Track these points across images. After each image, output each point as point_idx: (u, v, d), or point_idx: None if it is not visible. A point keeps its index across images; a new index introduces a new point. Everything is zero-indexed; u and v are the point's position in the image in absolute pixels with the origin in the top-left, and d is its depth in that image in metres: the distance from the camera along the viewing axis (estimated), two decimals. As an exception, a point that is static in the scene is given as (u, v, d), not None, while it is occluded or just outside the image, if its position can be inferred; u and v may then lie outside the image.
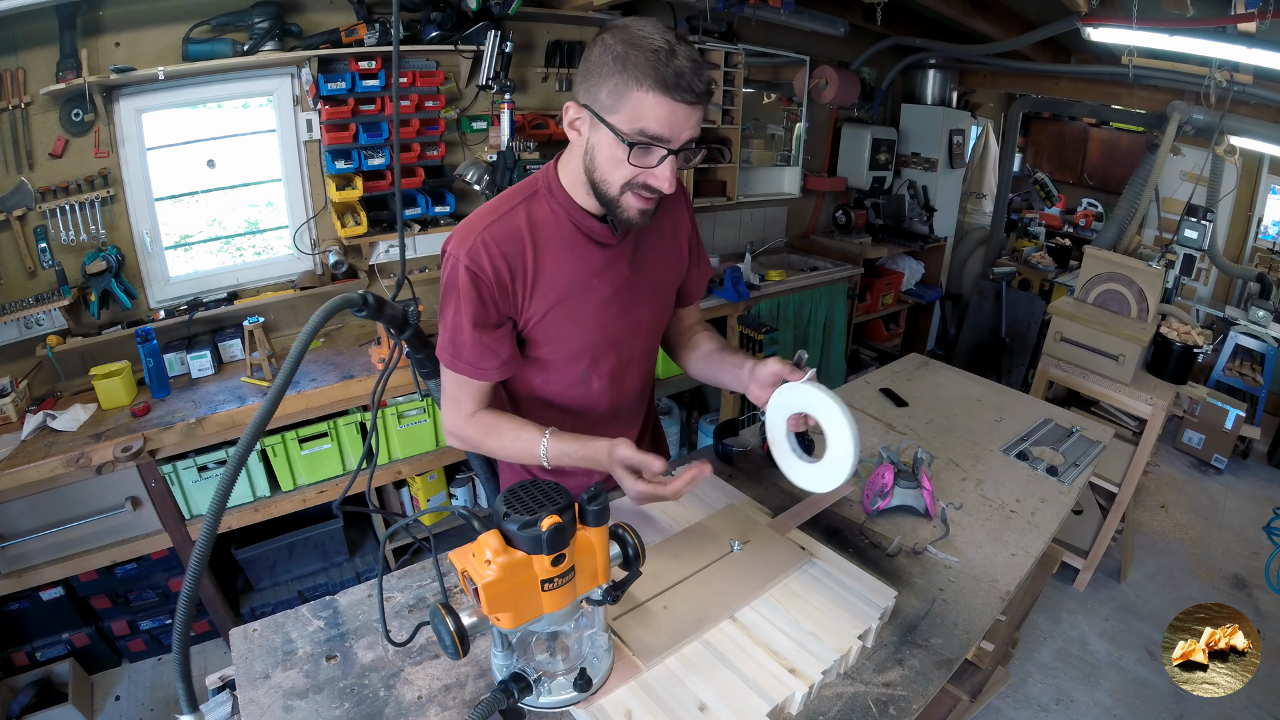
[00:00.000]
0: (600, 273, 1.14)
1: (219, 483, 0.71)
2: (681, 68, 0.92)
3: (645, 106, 0.94)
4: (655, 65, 0.91)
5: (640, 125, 0.95)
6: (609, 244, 1.14)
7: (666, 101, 0.93)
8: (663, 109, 0.94)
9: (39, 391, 2.14)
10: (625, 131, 0.96)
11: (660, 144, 0.97)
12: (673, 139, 0.97)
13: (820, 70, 3.70)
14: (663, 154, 0.98)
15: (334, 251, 2.58)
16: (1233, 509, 3.43)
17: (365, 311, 0.98)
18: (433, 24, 2.43)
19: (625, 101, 0.94)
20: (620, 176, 1.01)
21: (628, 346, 1.24)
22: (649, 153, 0.98)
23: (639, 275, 1.19)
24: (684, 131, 0.97)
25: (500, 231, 1.07)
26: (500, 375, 1.14)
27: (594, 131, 1.00)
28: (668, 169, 0.99)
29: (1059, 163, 6.13)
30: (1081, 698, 2.30)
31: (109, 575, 2.19)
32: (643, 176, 1.00)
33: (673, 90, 0.92)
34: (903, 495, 1.31)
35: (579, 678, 0.86)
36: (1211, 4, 2.45)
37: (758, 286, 3.26)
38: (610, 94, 0.95)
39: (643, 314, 1.23)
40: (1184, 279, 3.16)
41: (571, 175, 1.09)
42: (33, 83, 1.97)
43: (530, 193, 1.12)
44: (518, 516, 0.76)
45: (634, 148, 0.97)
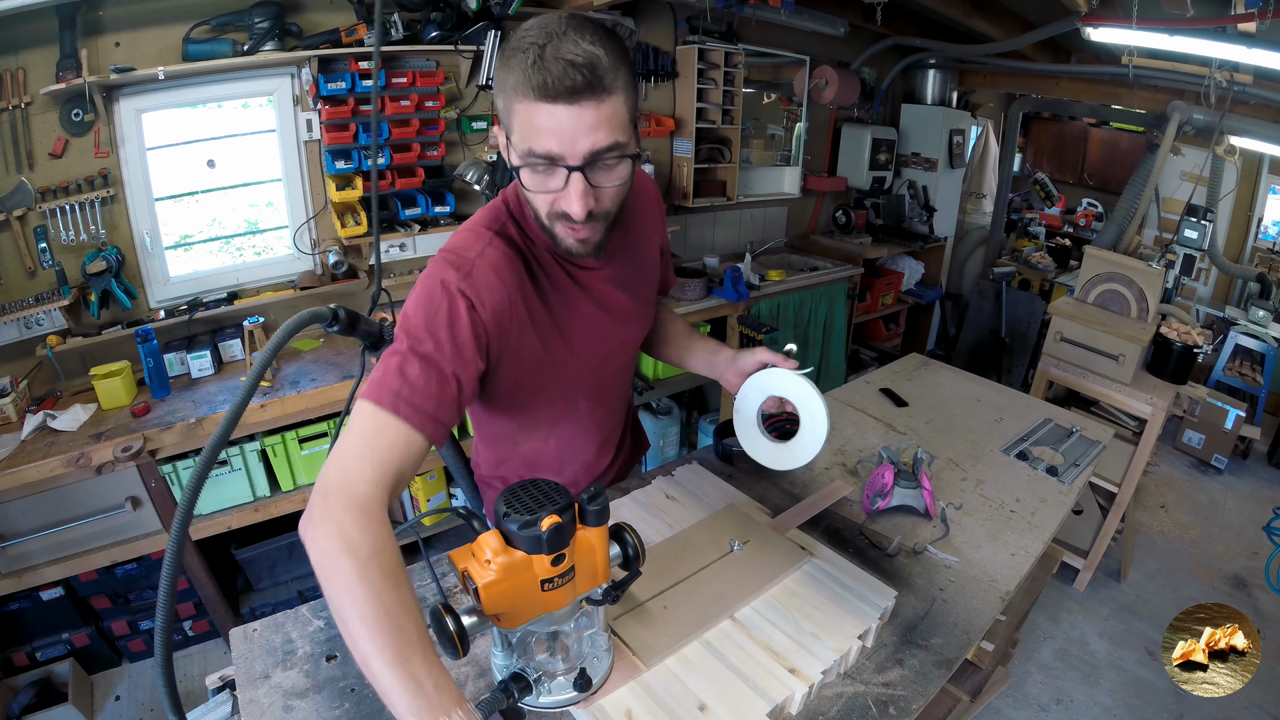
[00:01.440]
0: (586, 298, 1.06)
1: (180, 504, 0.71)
2: (550, 64, 0.76)
3: (524, 119, 0.80)
4: (525, 69, 0.78)
5: (529, 144, 0.81)
6: (593, 268, 1.04)
7: (542, 107, 0.78)
8: (542, 118, 0.79)
9: (39, 391, 2.14)
10: (518, 153, 0.83)
11: (555, 162, 0.82)
12: (565, 153, 0.81)
13: (820, 70, 3.70)
14: (558, 175, 0.83)
15: (334, 251, 2.58)
16: (1233, 509, 3.43)
17: (336, 327, 0.93)
18: (433, 24, 2.44)
19: (512, 117, 0.82)
20: (541, 205, 0.88)
21: (614, 362, 1.19)
22: (551, 174, 0.83)
23: (624, 294, 1.11)
24: (579, 139, 0.80)
25: (495, 259, 0.94)
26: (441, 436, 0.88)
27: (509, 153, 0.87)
28: (574, 189, 0.83)
29: (1059, 163, 6.13)
30: (1081, 698, 2.30)
31: (109, 575, 2.19)
32: (556, 203, 0.86)
33: (543, 91, 0.77)
34: (903, 495, 1.31)
35: (579, 678, 0.86)
36: (1211, 4, 2.45)
37: (758, 286, 3.26)
38: (503, 111, 0.84)
39: (630, 331, 1.17)
40: (1184, 279, 3.16)
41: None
42: (33, 83, 1.97)
43: (500, 223, 0.99)
44: (518, 516, 0.76)
45: (521, 170, 0.84)
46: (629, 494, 1.31)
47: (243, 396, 0.79)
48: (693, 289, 3.07)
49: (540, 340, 1.01)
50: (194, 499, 0.75)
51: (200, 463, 0.76)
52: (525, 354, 1.00)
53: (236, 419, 0.79)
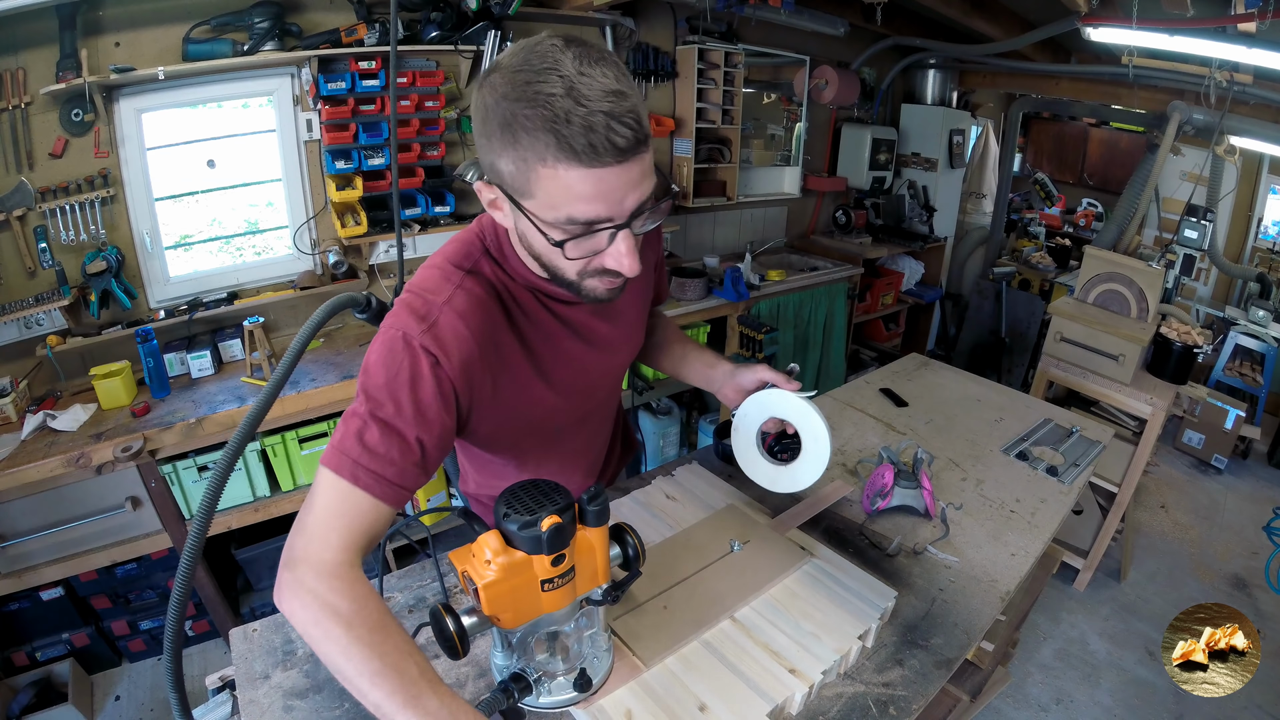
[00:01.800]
0: (568, 334, 0.98)
1: (210, 480, 0.71)
2: (592, 119, 0.66)
3: (559, 187, 0.69)
4: (553, 126, 0.66)
5: (565, 212, 0.72)
6: (572, 302, 0.94)
7: (586, 173, 0.68)
8: (585, 184, 0.69)
9: (39, 391, 2.14)
10: (548, 222, 0.73)
11: (600, 226, 0.74)
12: (614, 214, 0.73)
13: (820, 70, 3.70)
14: (609, 234, 0.75)
15: (334, 251, 2.58)
16: (1233, 509, 3.43)
17: (366, 314, 0.96)
18: (433, 24, 2.44)
19: (534, 183, 0.71)
20: (571, 267, 0.80)
21: (601, 391, 1.13)
22: (594, 236, 0.75)
23: (608, 324, 1.02)
24: (627, 196, 0.72)
25: (463, 305, 0.84)
26: (404, 501, 0.82)
27: (518, 218, 0.77)
28: (623, 246, 0.76)
29: (1059, 163, 6.13)
30: (1081, 698, 2.30)
31: (109, 575, 2.19)
32: (598, 261, 0.79)
33: (588, 155, 0.67)
34: (903, 495, 1.31)
35: (579, 678, 0.86)
36: (1211, 4, 2.45)
37: (758, 286, 3.26)
38: (514, 175, 0.72)
39: (618, 359, 1.11)
40: (1184, 279, 3.16)
41: (525, 253, 0.86)
42: (33, 83, 1.97)
43: (472, 264, 0.89)
44: (518, 516, 0.76)
45: (566, 243, 0.74)
46: (629, 494, 1.31)
47: (281, 372, 0.78)
48: (693, 289, 3.07)
49: (518, 385, 0.94)
50: (222, 483, 0.75)
51: (233, 441, 0.76)
52: (502, 401, 0.93)
53: (273, 398, 0.79)
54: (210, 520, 0.74)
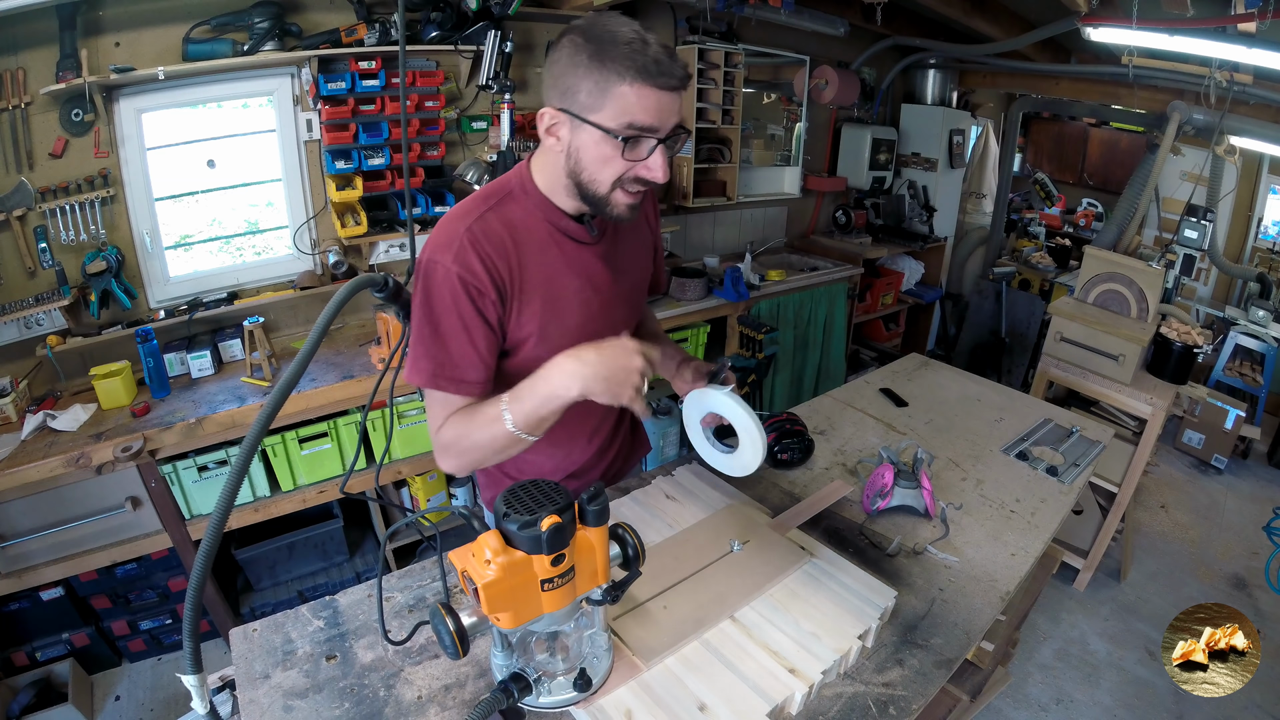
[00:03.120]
0: (580, 272, 1.13)
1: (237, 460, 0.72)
2: (659, 55, 0.92)
3: (630, 99, 0.93)
4: (633, 57, 0.91)
5: (628, 119, 0.94)
6: (586, 243, 1.13)
7: (651, 91, 0.93)
8: (649, 99, 0.94)
9: (39, 391, 2.14)
10: (613, 127, 0.95)
11: (650, 134, 0.96)
12: (660, 127, 0.97)
13: (820, 70, 3.70)
14: (652, 144, 0.97)
15: (334, 251, 2.58)
16: (1233, 509, 3.43)
17: (385, 293, 0.99)
18: (433, 24, 2.44)
19: (608, 98, 0.94)
20: (610, 174, 0.99)
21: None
22: (639, 145, 0.97)
23: (616, 276, 1.18)
24: (670, 119, 0.97)
25: (481, 232, 1.02)
26: (481, 390, 1.06)
27: (576, 133, 0.98)
28: (659, 158, 0.99)
29: (1059, 163, 6.13)
30: (1081, 698, 2.30)
31: (109, 575, 2.19)
32: (634, 170, 0.99)
33: (655, 78, 0.92)
34: (903, 495, 1.31)
35: (579, 678, 0.86)
36: (1211, 4, 2.45)
37: (758, 286, 3.26)
38: (590, 93, 0.94)
39: (619, 314, 1.22)
40: (1184, 279, 3.16)
41: (549, 178, 1.07)
42: (33, 83, 1.97)
43: (503, 194, 1.08)
44: (518, 516, 0.76)
45: (627, 142, 0.96)
46: (629, 494, 1.31)
47: (302, 357, 0.80)
48: (693, 289, 3.07)
49: (532, 309, 1.08)
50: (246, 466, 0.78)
51: (255, 427, 0.78)
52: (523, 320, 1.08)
53: (294, 383, 0.80)
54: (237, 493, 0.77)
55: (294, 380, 0.79)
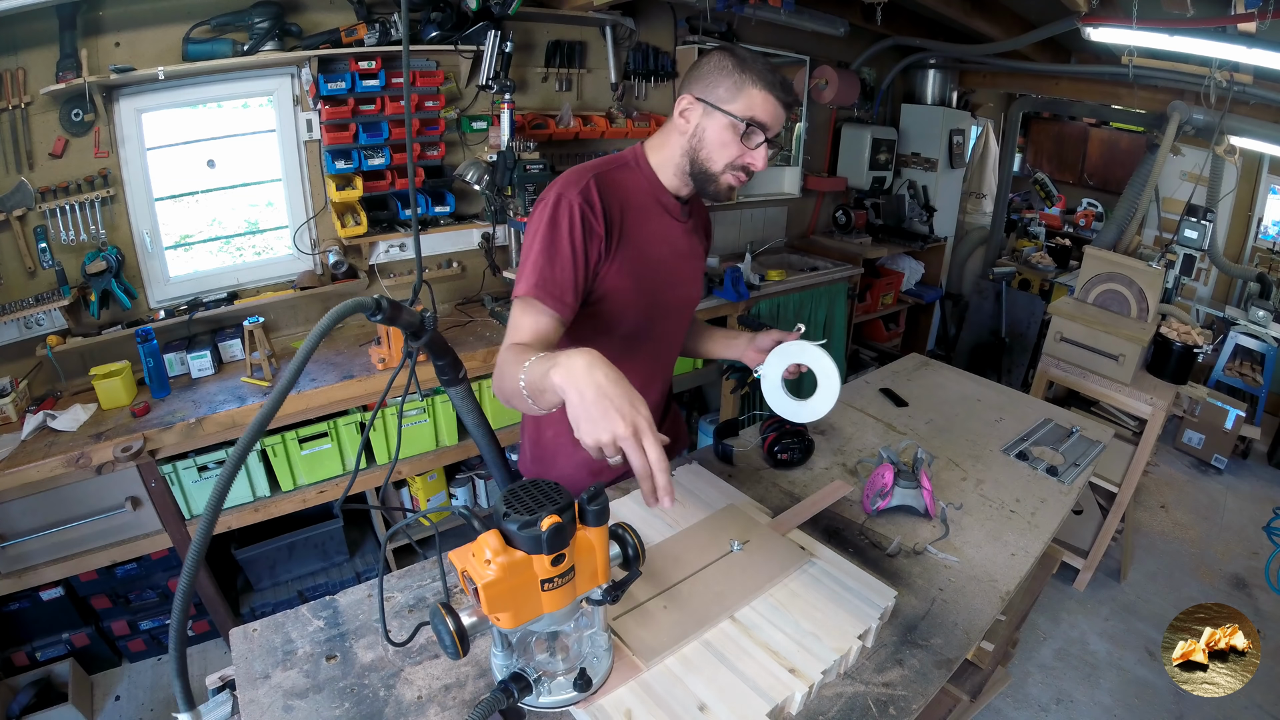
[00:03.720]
0: (667, 241, 1.32)
1: (217, 481, 0.71)
2: (784, 80, 1.20)
3: (758, 101, 1.18)
4: (767, 74, 1.19)
5: (752, 114, 1.18)
6: (677, 220, 1.33)
7: (774, 100, 1.19)
8: (770, 105, 1.19)
9: (39, 391, 2.14)
10: (740, 116, 1.19)
11: (763, 130, 1.20)
12: (771, 128, 1.21)
13: (820, 70, 3.70)
14: (761, 139, 1.21)
15: (334, 251, 2.58)
16: (1233, 509, 3.43)
17: (379, 316, 0.95)
18: (433, 24, 2.44)
19: (742, 96, 1.18)
20: (725, 156, 1.22)
21: (671, 319, 1.40)
22: (752, 136, 1.20)
23: (691, 256, 1.39)
24: (778, 125, 1.22)
25: (605, 182, 1.22)
26: (570, 313, 1.18)
27: (706, 119, 1.21)
28: (764, 151, 1.22)
29: (1059, 163, 6.13)
30: (1081, 698, 2.30)
31: (109, 575, 2.19)
32: (743, 158, 1.22)
33: (779, 91, 1.19)
34: (903, 495, 1.31)
35: (579, 678, 0.86)
36: (1211, 4, 2.45)
37: (758, 286, 3.26)
38: (729, 90, 1.19)
39: (687, 290, 1.41)
40: (1184, 279, 3.16)
41: (663, 157, 1.28)
42: (33, 83, 1.97)
43: (621, 163, 1.29)
44: (518, 516, 0.76)
45: (748, 129, 1.19)
46: (629, 494, 1.31)
47: (288, 380, 0.79)
48: (693, 289, 3.07)
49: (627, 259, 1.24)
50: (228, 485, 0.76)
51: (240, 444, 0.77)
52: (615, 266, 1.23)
53: (279, 404, 0.80)
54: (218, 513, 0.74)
55: (276, 405, 0.78)
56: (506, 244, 2.85)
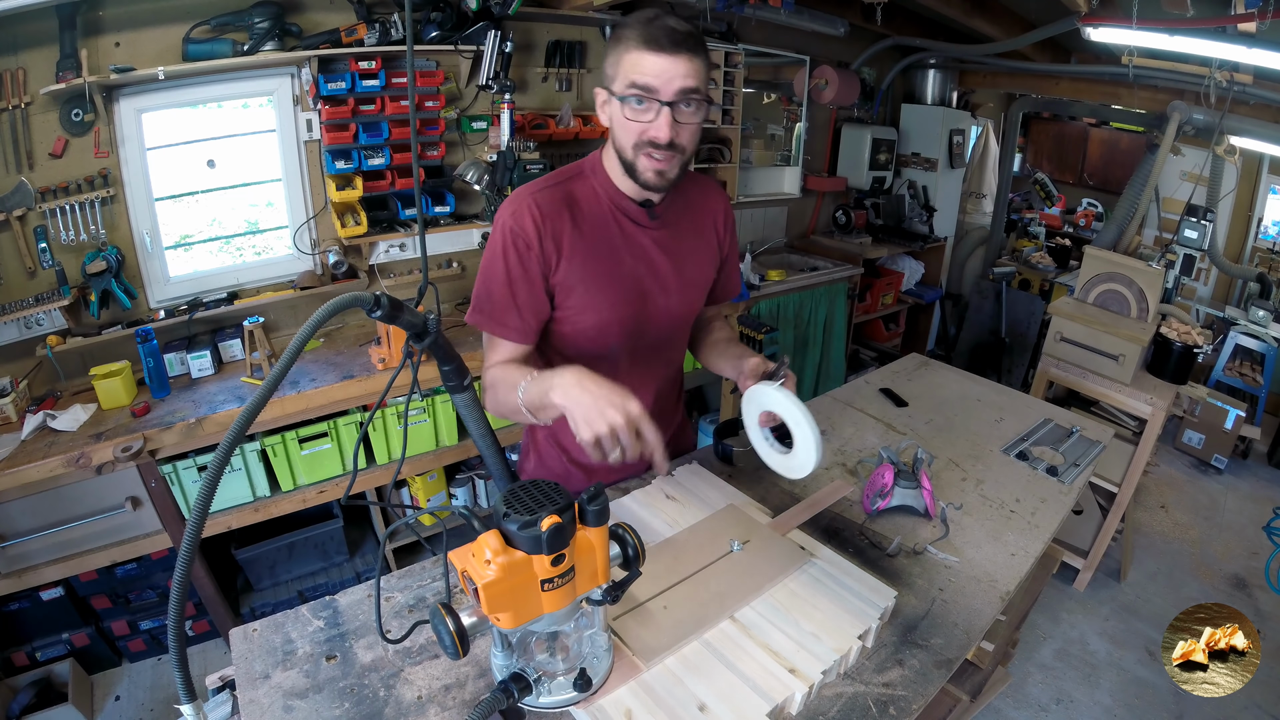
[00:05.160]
0: (633, 253, 1.21)
1: (206, 474, 0.70)
2: (662, 25, 1.03)
3: (630, 63, 1.04)
4: (639, 28, 1.03)
5: (630, 79, 1.04)
6: (645, 226, 1.22)
7: (648, 54, 1.03)
8: (645, 61, 1.03)
9: (39, 391, 2.14)
10: (618, 89, 1.07)
11: (650, 95, 1.04)
12: (660, 89, 1.04)
13: (820, 70, 3.70)
14: (652, 105, 1.05)
15: (334, 251, 2.58)
16: (1233, 509, 3.43)
17: (378, 313, 0.96)
18: (433, 24, 2.44)
19: (620, 67, 1.06)
20: (629, 138, 1.09)
21: (655, 330, 1.29)
22: (645, 108, 1.06)
23: (673, 263, 1.26)
24: (672, 81, 1.04)
25: (545, 200, 1.16)
26: (521, 337, 1.18)
27: (610, 107, 1.10)
28: (662, 119, 1.06)
29: (1059, 163, 6.13)
30: (1081, 698, 2.30)
31: (109, 575, 2.19)
32: (644, 133, 1.07)
33: (652, 43, 1.02)
34: (903, 495, 1.31)
35: (579, 678, 0.86)
36: (1211, 4, 2.45)
37: (758, 286, 3.26)
38: (613, 65, 1.08)
39: (672, 302, 1.28)
40: (1184, 279, 3.16)
41: (611, 159, 1.18)
42: (33, 83, 1.97)
43: (576, 173, 1.21)
44: (517, 516, 0.76)
45: (626, 101, 1.06)
46: (629, 494, 1.31)
47: (277, 371, 0.77)
48: (693, 289, 3.06)
49: (578, 273, 1.18)
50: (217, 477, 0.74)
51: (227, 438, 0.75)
52: (569, 281, 1.17)
53: (268, 395, 0.78)
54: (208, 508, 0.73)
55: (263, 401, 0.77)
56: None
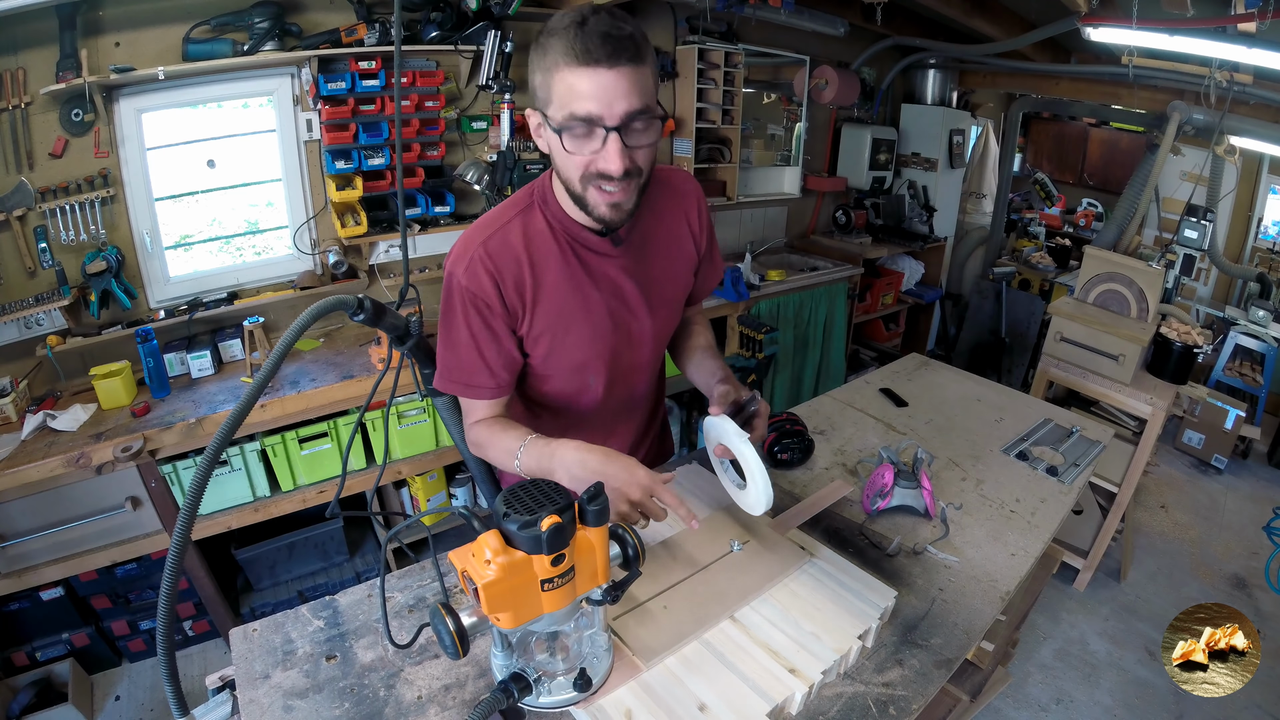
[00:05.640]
0: (600, 286, 1.11)
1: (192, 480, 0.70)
2: (591, 34, 0.85)
3: (564, 86, 0.88)
4: (566, 41, 0.86)
5: (569, 109, 0.89)
6: (608, 255, 1.10)
7: (583, 72, 0.86)
8: (581, 83, 0.87)
9: (39, 391, 2.14)
10: (556, 120, 0.90)
11: (594, 123, 0.89)
12: (604, 114, 0.88)
13: (820, 70, 3.70)
14: (602, 134, 0.90)
15: (334, 251, 2.58)
16: (1233, 509, 3.43)
17: (361, 315, 0.95)
18: (433, 24, 2.44)
19: (552, 89, 0.90)
20: (575, 171, 0.95)
21: (630, 356, 1.22)
22: (590, 136, 0.91)
23: (643, 287, 1.15)
24: (616, 102, 0.88)
25: (496, 247, 1.04)
26: (494, 395, 1.12)
27: (547, 133, 0.95)
28: (612, 148, 0.90)
29: (1059, 163, 6.12)
30: (1081, 698, 2.30)
31: (109, 575, 2.19)
32: (594, 164, 0.93)
33: (584, 56, 0.85)
34: (903, 495, 1.31)
35: (579, 678, 0.86)
36: (1211, 4, 2.45)
37: (758, 286, 3.26)
38: (540, 84, 0.92)
39: (645, 324, 1.19)
40: (1184, 279, 3.16)
41: (560, 187, 1.04)
42: (33, 83, 1.97)
43: (525, 205, 1.08)
44: (518, 516, 0.76)
45: (564, 133, 0.90)
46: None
47: (264, 373, 0.77)
48: (693, 289, 3.07)
49: (546, 319, 1.09)
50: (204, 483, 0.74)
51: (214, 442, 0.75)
52: (536, 329, 1.10)
53: (255, 398, 0.77)
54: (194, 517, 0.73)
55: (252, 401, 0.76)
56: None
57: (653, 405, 1.41)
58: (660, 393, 1.44)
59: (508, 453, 1.06)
